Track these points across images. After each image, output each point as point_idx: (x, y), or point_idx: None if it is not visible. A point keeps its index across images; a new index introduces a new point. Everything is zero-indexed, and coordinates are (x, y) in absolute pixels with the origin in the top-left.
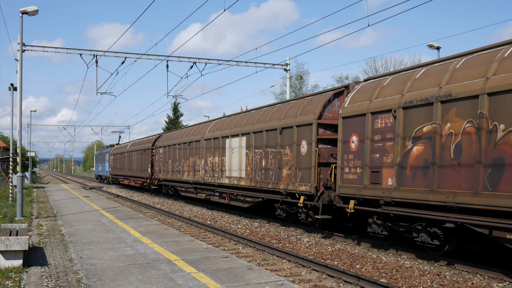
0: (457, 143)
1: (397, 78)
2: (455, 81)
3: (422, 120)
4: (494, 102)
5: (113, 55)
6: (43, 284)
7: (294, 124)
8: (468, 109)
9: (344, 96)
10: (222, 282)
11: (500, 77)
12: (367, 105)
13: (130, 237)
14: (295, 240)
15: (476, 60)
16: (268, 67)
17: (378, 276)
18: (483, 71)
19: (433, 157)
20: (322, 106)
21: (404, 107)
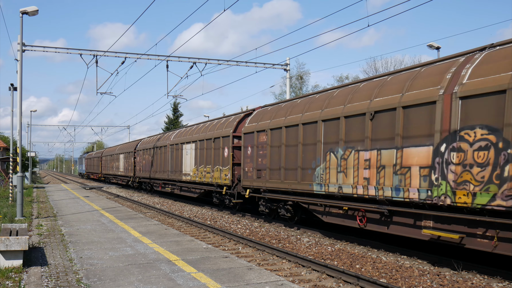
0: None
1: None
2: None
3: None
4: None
5: (113, 55)
6: (43, 284)
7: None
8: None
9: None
10: (222, 282)
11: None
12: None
13: (130, 237)
14: (295, 240)
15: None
16: (268, 67)
17: (378, 276)
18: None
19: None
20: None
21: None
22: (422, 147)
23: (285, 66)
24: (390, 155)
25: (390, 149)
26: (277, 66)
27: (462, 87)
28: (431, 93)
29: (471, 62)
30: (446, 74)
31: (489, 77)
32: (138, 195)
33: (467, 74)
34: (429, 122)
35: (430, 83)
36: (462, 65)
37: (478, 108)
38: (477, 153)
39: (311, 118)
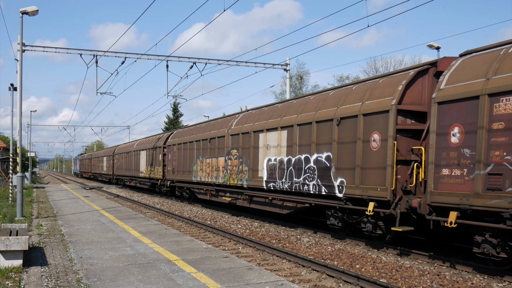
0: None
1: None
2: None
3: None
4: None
5: (113, 55)
6: (43, 284)
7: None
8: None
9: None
10: (222, 282)
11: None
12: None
13: (130, 237)
14: (295, 240)
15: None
16: (268, 67)
17: (378, 276)
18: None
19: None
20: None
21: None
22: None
23: (285, 66)
24: (216, 160)
25: (219, 158)
26: (277, 66)
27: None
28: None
29: (236, 118)
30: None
31: (238, 126)
32: (138, 195)
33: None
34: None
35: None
36: (234, 118)
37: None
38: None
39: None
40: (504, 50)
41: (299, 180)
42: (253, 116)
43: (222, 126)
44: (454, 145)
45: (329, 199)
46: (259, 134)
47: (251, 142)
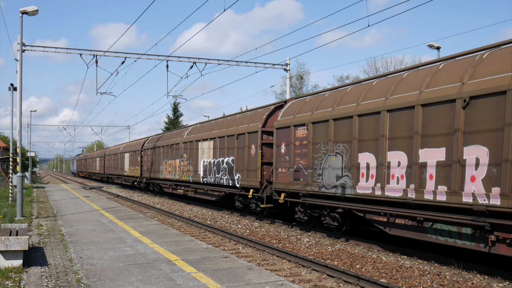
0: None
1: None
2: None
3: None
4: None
5: (113, 55)
6: (43, 284)
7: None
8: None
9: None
10: (222, 282)
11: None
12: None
13: (130, 237)
14: (295, 240)
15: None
16: (268, 67)
17: (378, 276)
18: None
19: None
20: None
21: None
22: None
23: (285, 66)
24: (174, 162)
25: (176, 159)
26: (277, 66)
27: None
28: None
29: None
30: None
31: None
32: (138, 195)
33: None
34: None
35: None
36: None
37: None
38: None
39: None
40: (309, 98)
41: (219, 176)
42: (198, 128)
43: (179, 135)
44: (282, 154)
45: (234, 188)
46: (199, 143)
47: (194, 148)
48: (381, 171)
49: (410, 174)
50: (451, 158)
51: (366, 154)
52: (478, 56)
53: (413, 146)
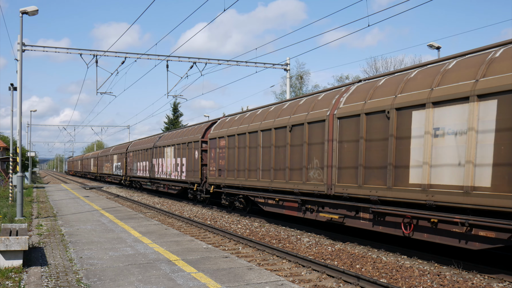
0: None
1: (232, 118)
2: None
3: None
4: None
5: (113, 55)
6: (43, 284)
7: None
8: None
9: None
10: (222, 282)
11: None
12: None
13: (130, 237)
14: (295, 240)
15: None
16: (268, 67)
17: (378, 276)
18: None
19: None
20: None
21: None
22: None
23: (285, 66)
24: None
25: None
26: (277, 66)
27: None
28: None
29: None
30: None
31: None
32: (138, 195)
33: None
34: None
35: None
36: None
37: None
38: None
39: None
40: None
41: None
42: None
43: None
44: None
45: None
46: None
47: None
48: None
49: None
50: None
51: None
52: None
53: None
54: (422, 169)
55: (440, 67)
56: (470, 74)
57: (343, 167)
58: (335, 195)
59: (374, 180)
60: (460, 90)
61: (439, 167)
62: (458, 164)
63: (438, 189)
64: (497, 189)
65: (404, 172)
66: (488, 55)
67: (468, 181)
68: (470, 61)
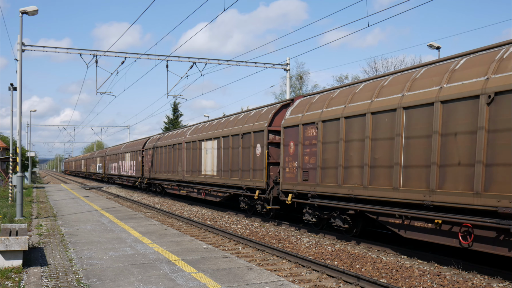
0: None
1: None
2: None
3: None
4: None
5: (113, 55)
6: (42, 284)
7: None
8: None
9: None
10: (222, 282)
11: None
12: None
13: (130, 237)
14: (295, 240)
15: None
16: (268, 67)
17: (378, 276)
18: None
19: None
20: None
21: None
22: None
23: (285, 66)
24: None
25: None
26: (277, 66)
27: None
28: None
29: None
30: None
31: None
32: (138, 195)
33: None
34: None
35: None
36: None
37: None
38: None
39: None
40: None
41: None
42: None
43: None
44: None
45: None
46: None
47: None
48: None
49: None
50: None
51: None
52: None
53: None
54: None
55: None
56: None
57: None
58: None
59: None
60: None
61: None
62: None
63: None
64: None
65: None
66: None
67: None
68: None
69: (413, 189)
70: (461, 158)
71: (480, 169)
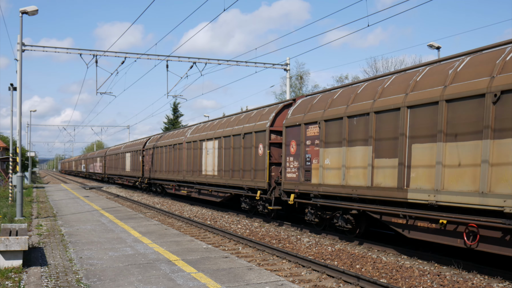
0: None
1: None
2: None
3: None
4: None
5: (113, 55)
6: (42, 284)
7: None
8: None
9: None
10: (222, 282)
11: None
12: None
13: (130, 237)
14: (295, 240)
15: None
16: (268, 67)
17: (378, 276)
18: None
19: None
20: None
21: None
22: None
23: (285, 66)
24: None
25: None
26: (277, 66)
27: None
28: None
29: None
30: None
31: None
32: (138, 195)
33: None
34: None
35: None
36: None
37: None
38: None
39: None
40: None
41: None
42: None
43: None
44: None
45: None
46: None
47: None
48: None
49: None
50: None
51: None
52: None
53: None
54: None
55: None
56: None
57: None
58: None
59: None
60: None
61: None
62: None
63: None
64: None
65: None
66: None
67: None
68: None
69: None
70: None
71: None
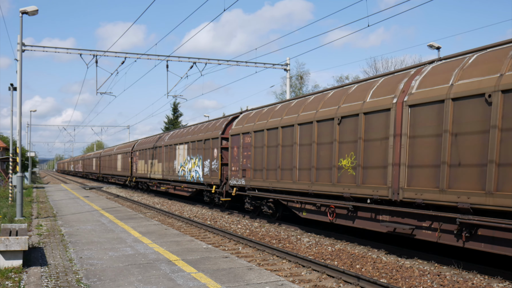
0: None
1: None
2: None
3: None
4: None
5: (113, 55)
6: (42, 284)
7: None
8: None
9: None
10: (222, 282)
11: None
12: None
13: (130, 237)
14: (295, 240)
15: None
16: (268, 67)
17: (378, 276)
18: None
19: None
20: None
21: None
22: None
23: (285, 66)
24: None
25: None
26: (277, 66)
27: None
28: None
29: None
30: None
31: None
32: (138, 195)
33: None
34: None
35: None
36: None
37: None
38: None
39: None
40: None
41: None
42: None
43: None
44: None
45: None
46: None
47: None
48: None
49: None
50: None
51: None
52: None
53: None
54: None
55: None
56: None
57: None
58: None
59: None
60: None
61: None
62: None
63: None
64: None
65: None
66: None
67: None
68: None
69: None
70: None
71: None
